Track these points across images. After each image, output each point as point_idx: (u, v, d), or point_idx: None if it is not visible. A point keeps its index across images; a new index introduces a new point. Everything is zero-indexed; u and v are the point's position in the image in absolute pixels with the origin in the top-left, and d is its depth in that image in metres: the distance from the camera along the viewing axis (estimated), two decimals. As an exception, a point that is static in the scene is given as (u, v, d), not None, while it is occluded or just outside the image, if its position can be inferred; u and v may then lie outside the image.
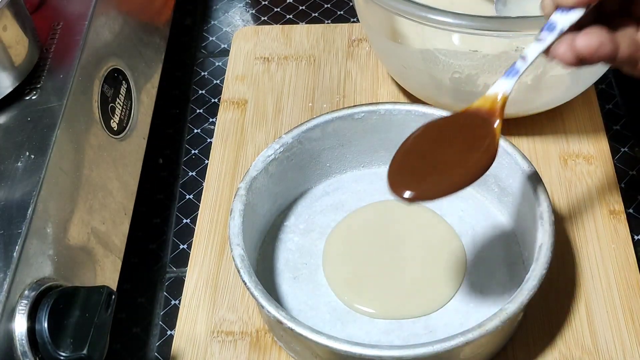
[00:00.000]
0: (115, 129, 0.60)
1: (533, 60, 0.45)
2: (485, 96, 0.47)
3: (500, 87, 0.47)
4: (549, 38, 0.43)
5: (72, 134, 0.54)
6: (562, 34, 0.43)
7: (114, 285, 0.56)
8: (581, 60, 0.42)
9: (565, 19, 0.43)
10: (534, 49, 0.44)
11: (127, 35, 0.66)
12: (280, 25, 0.82)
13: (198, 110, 0.77)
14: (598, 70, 0.67)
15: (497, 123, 0.47)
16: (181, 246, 0.67)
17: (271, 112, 0.73)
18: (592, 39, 0.41)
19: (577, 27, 0.43)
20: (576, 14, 0.43)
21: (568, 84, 0.65)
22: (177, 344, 0.58)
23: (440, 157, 0.47)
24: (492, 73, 0.63)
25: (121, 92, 0.62)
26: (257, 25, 0.85)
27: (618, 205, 0.64)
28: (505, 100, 0.47)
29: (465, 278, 0.59)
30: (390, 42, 0.67)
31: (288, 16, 0.86)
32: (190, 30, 0.86)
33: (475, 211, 0.63)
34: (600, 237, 0.62)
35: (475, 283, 0.59)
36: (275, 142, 0.61)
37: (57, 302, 0.46)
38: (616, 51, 0.42)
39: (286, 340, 0.56)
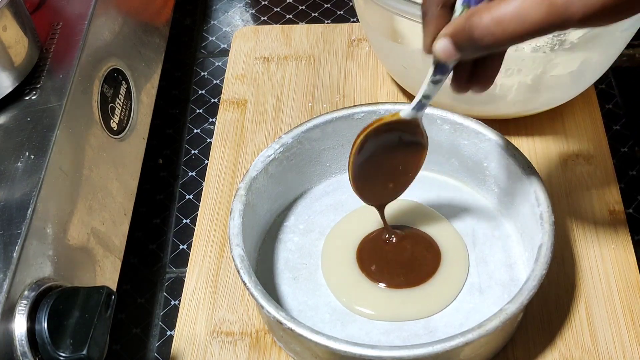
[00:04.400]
0: (115, 129, 0.60)
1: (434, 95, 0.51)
2: (399, 114, 0.53)
3: (412, 115, 0.53)
4: (443, 78, 0.48)
5: (71, 134, 0.54)
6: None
7: (113, 286, 0.56)
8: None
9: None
10: (434, 89, 0.49)
11: (127, 35, 0.66)
12: (280, 25, 0.82)
13: (198, 110, 0.77)
14: (598, 70, 0.67)
15: (422, 135, 0.55)
16: (181, 246, 0.67)
17: (271, 112, 0.73)
18: (481, 86, 0.48)
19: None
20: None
21: (568, 84, 0.65)
22: (176, 345, 0.58)
23: (389, 173, 0.58)
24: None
25: (121, 92, 0.62)
26: (257, 25, 0.85)
27: (618, 205, 0.64)
28: (420, 119, 0.54)
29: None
30: (390, 42, 0.67)
31: (288, 16, 0.86)
32: (190, 30, 0.86)
33: (475, 211, 0.63)
34: (600, 237, 0.62)
35: (475, 283, 0.59)
36: (275, 142, 0.61)
37: (56, 303, 0.46)
38: None
39: (286, 341, 0.55)
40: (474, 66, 0.47)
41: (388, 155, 0.56)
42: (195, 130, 0.76)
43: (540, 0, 0.37)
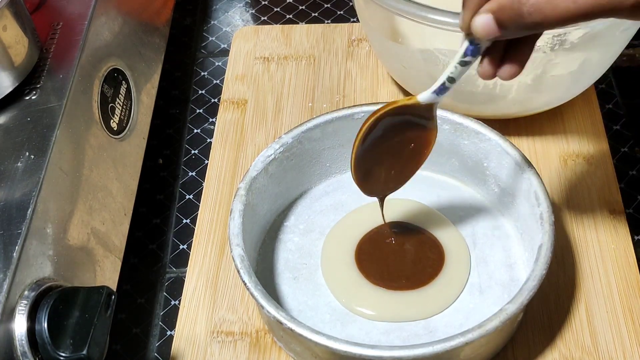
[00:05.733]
0: (115, 129, 0.60)
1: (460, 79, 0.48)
2: (416, 99, 0.51)
3: (430, 99, 0.51)
4: (472, 60, 0.46)
5: (72, 134, 0.54)
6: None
7: (113, 286, 0.56)
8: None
9: (485, 42, 0.44)
10: (461, 72, 0.47)
11: (127, 35, 0.66)
12: (280, 25, 0.82)
13: (198, 110, 0.77)
14: (598, 70, 0.67)
15: (433, 123, 0.53)
16: (181, 246, 0.67)
17: (271, 112, 0.73)
18: (512, 70, 0.45)
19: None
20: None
21: (568, 84, 0.65)
22: (177, 345, 0.58)
23: (393, 160, 0.55)
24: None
25: (121, 92, 0.62)
26: (257, 25, 0.85)
27: (618, 205, 0.64)
28: (435, 106, 0.52)
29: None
30: (390, 42, 0.67)
31: (288, 16, 0.86)
32: (190, 30, 0.86)
33: (475, 211, 0.63)
34: (600, 237, 0.62)
35: (475, 283, 0.59)
36: (275, 142, 0.61)
37: (57, 303, 0.46)
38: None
39: (286, 341, 0.55)
40: (505, 51, 0.45)
41: (395, 141, 0.53)
42: (195, 130, 0.76)
43: None
